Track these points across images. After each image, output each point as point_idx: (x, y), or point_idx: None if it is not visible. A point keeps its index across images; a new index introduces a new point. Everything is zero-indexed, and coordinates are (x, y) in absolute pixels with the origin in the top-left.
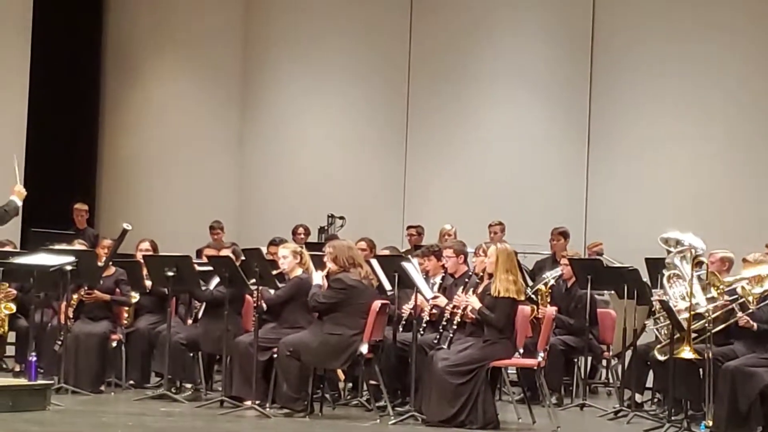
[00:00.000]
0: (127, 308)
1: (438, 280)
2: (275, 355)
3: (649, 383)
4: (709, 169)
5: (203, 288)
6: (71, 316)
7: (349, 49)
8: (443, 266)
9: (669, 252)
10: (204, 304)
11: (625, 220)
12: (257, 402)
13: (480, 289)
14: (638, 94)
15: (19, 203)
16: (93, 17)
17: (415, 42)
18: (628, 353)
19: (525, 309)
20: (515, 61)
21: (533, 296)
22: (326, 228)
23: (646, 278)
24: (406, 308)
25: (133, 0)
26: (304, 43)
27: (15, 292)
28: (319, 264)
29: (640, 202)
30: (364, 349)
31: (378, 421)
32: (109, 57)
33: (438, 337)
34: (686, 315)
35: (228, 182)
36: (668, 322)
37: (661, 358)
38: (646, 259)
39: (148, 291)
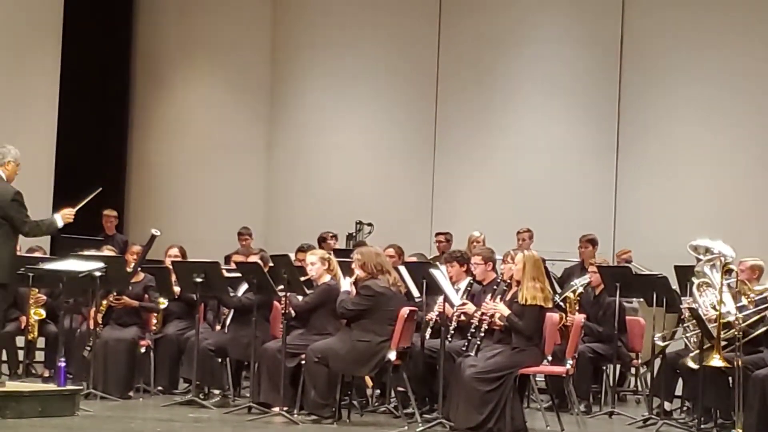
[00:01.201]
0: (155, 314)
1: (462, 286)
2: (303, 362)
3: (679, 391)
4: (738, 177)
5: (231, 294)
6: (100, 322)
7: (377, 55)
8: (467, 272)
9: (698, 260)
10: (232, 310)
11: (654, 227)
12: (285, 408)
13: (508, 297)
14: (667, 102)
15: (60, 224)
16: (123, 25)
17: (444, 49)
18: (657, 361)
19: (553, 316)
20: (544, 68)
21: (561, 303)
22: (354, 234)
23: (675, 286)
24: (434, 315)
25: (162, 8)
26: (332, 50)
27: (44, 297)
28: (347, 270)
29: (669, 210)
30: (392, 355)
31: (406, 427)
32: (139, 64)
33: (466, 344)
34: (716, 323)
35: (256, 189)
36: (698, 330)
37: (694, 366)
38: (676, 267)
39: (176, 297)
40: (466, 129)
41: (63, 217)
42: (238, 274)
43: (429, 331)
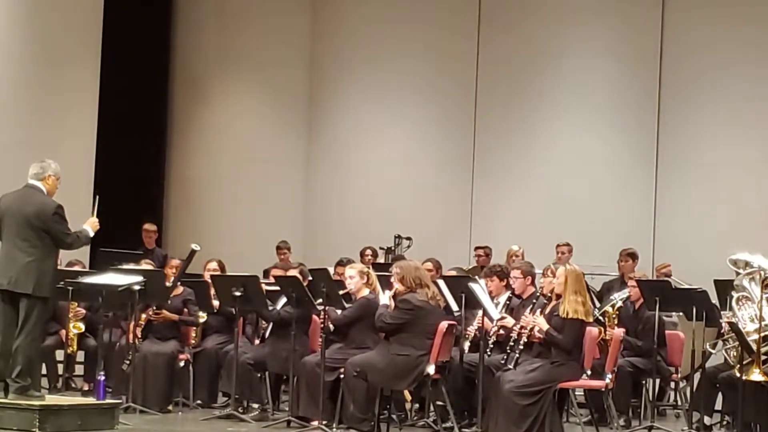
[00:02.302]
0: (194, 328)
1: (502, 300)
2: (342, 376)
3: (718, 406)
4: None
5: (270, 308)
6: (139, 336)
7: (416, 70)
8: (506, 286)
9: (738, 273)
10: (271, 324)
11: (693, 241)
12: (324, 422)
13: (547, 310)
14: (706, 116)
15: (91, 233)
16: (161, 39)
17: (482, 63)
18: (697, 375)
19: (593, 330)
20: (583, 82)
21: (601, 318)
22: (393, 248)
23: (714, 300)
24: (472, 329)
25: (201, 23)
26: (371, 64)
27: (84, 311)
28: (386, 284)
29: (709, 224)
30: (430, 369)
31: None
32: (177, 79)
33: (505, 358)
34: (755, 337)
35: (295, 203)
36: (737, 344)
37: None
38: (715, 281)
39: (215, 311)
40: (505, 143)
41: (92, 227)
42: (277, 288)
43: (468, 344)
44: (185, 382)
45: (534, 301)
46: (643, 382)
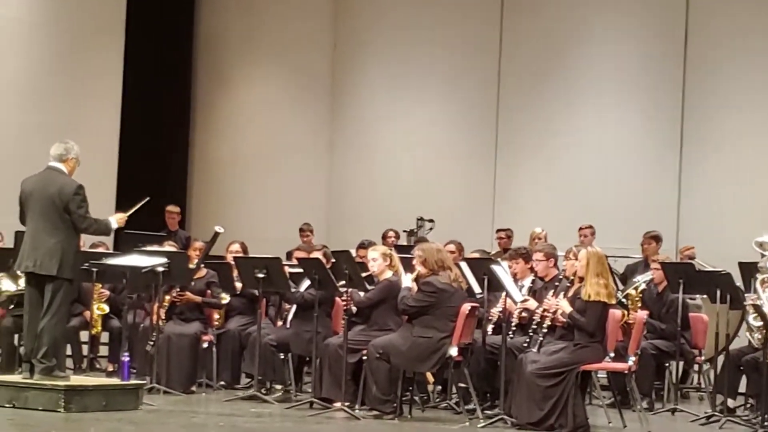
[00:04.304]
0: (218, 310)
1: (527, 283)
2: (365, 357)
3: (742, 388)
4: None
5: (293, 290)
6: (163, 317)
7: (439, 53)
8: (531, 269)
9: (763, 256)
10: (294, 306)
11: (717, 223)
12: (347, 404)
13: (570, 293)
14: (732, 97)
15: (114, 226)
16: (185, 23)
17: (506, 46)
18: (721, 358)
19: (616, 313)
20: (606, 64)
21: (624, 300)
22: (415, 231)
23: (739, 282)
24: (495, 311)
25: (224, 6)
26: (394, 48)
27: (108, 293)
28: (409, 267)
29: (733, 206)
30: (453, 351)
31: (467, 423)
32: (201, 62)
33: (528, 340)
34: None
35: (317, 185)
36: (761, 326)
37: None
38: (740, 263)
39: (238, 292)
40: (528, 125)
41: (117, 220)
42: (300, 270)
43: (491, 327)
44: (209, 363)
45: (557, 283)
46: (667, 364)
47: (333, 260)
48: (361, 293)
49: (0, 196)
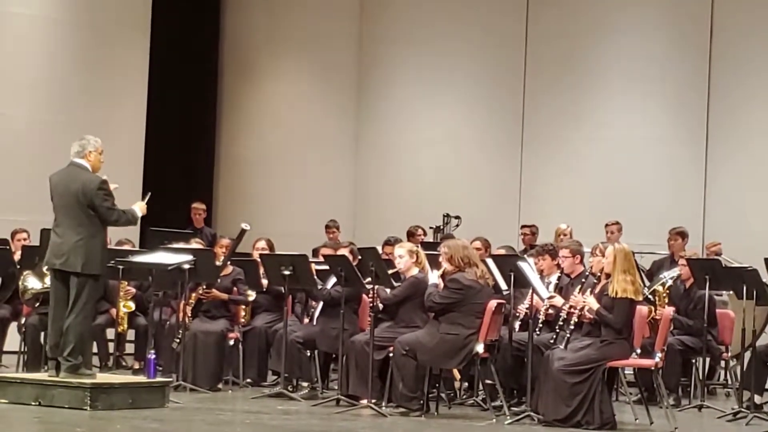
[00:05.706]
0: (244, 307)
1: (553, 279)
2: (391, 354)
3: None
4: None
5: (320, 287)
6: (189, 315)
7: (465, 49)
8: (558, 265)
9: None
10: (321, 303)
11: (744, 219)
12: (373, 401)
13: (597, 290)
14: (758, 92)
15: (139, 214)
16: (211, 20)
17: (531, 42)
18: (747, 354)
19: (643, 309)
20: (632, 61)
21: (650, 296)
22: (441, 227)
23: (765, 278)
24: (522, 308)
25: (250, 2)
26: (420, 44)
27: (134, 290)
28: (435, 263)
29: (760, 202)
30: (479, 348)
31: (494, 420)
32: (227, 58)
33: (555, 337)
34: None
35: (344, 182)
36: None
37: None
38: (766, 259)
39: (264, 290)
40: (554, 122)
41: (141, 208)
42: (326, 267)
43: (517, 324)
44: (235, 360)
45: (583, 280)
46: (693, 360)
47: (359, 257)
48: (388, 290)
49: (27, 194)
